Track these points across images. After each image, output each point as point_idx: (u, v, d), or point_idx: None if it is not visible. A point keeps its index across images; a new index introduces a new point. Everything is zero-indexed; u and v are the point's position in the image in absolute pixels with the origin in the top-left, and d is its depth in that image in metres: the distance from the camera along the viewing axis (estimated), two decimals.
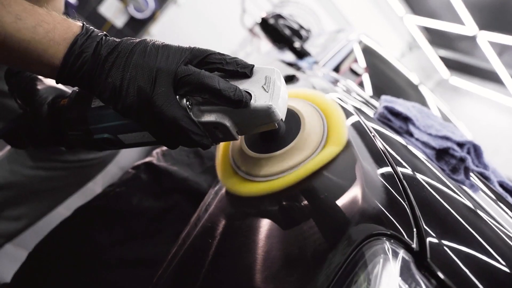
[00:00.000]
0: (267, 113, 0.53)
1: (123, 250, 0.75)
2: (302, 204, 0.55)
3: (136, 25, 5.61)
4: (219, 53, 0.55)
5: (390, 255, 0.43)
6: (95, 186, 2.07)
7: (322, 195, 0.54)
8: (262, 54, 2.71)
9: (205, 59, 0.54)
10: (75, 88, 0.64)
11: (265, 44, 2.95)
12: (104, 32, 0.54)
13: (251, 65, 0.55)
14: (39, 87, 0.70)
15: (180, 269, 0.59)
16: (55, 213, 1.19)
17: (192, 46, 0.56)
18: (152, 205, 0.82)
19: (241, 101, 0.51)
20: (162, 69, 0.51)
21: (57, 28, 0.51)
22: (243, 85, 0.54)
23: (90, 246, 0.77)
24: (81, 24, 0.54)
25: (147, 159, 0.91)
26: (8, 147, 1.08)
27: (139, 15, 5.51)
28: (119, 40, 0.54)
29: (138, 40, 0.53)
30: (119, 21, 5.57)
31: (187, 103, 0.53)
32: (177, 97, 0.52)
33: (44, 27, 0.50)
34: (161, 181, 0.86)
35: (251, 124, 0.56)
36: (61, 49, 0.51)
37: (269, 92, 0.53)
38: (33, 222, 1.12)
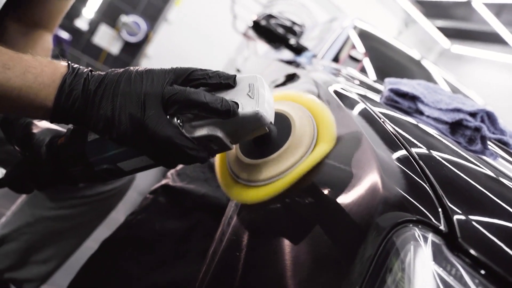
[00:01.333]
0: (255, 118, 0.55)
1: (154, 277, 0.75)
2: (318, 201, 0.54)
3: (132, 49, 5.66)
4: (200, 69, 0.56)
5: (420, 241, 0.42)
6: (118, 215, 2.08)
7: (338, 188, 0.54)
8: (259, 56, 2.70)
9: (189, 77, 0.55)
10: (70, 126, 0.65)
11: (261, 46, 2.94)
12: (90, 68, 0.57)
13: (233, 75, 0.57)
14: (34, 130, 0.72)
15: (213, 287, 0.59)
16: (83, 247, 1.20)
17: (182, 65, 0.58)
18: (175, 226, 0.82)
19: (229, 111, 0.53)
20: (149, 93, 0.52)
21: (45, 71, 0.53)
22: (229, 95, 0.56)
23: (122, 278, 0.77)
24: (67, 64, 0.56)
25: (163, 182, 0.91)
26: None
27: (133, 39, 5.56)
28: (104, 73, 0.56)
29: (122, 70, 0.55)
30: (115, 48, 5.63)
31: (178, 121, 0.55)
32: (168, 117, 0.53)
33: (33, 72, 0.52)
34: (180, 201, 0.86)
35: (243, 131, 0.57)
36: (51, 90, 0.53)
37: (255, 98, 0.55)
38: (63, 262, 1.12)
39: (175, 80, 0.54)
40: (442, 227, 0.42)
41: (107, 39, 5.57)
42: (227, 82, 0.56)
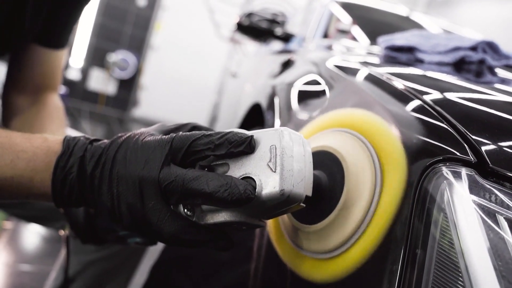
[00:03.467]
0: (282, 200, 0.42)
1: (209, 286, 0.76)
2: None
3: (127, 84, 5.72)
4: (204, 136, 0.45)
5: (452, 178, 0.42)
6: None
7: None
8: (251, 56, 2.72)
9: (189, 149, 0.44)
10: None
11: (250, 45, 2.96)
12: (90, 139, 0.49)
13: (249, 137, 0.44)
14: None
15: (267, 281, 0.59)
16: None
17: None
18: None
19: (241, 200, 0.41)
20: (145, 178, 0.43)
21: (37, 153, 0.48)
22: (245, 167, 0.44)
23: None
24: (62, 141, 0.49)
25: None
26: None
27: (125, 75, 5.62)
28: (105, 144, 0.48)
29: (124, 139, 0.47)
30: (111, 88, 5.69)
31: (185, 210, 0.45)
32: (171, 206, 0.45)
33: (24, 158, 0.47)
34: None
35: (273, 210, 0.45)
36: (46, 176, 0.47)
37: (278, 170, 0.42)
38: None
39: (173, 156, 0.44)
40: (471, 158, 0.42)
41: (101, 82, 5.64)
42: (240, 150, 0.43)
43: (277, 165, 0.42)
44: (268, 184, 0.41)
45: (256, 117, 1.18)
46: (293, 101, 0.87)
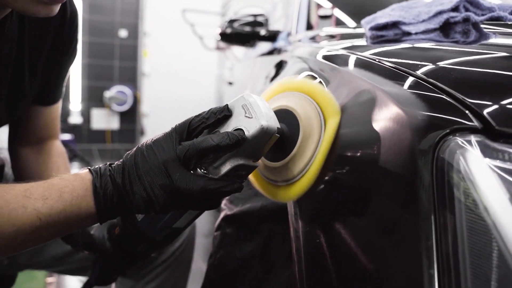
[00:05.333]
0: (263, 133, 0.58)
1: None
2: (356, 167, 0.57)
3: (129, 116, 5.77)
4: (196, 116, 0.60)
5: (465, 146, 0.44)
6: (198, 264, 2.14)
7: (368, 146, 0.56)
8: (241, 61, 2.74)
9: (189, 128, 0.59)
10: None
11: (238, 51, 2.98)
12: (107, 163, 0.61)
13: (225, 106, 0.61)
14: (91, 232, 0.83)
15: (313, 280, 0.61)
16: None
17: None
18: (252, 247, 0.86)
19: (238, 141, 0.57)
20: (166, 160, 0.56)
21: (75, 185, 0.58)
22: (231, 125, 0.60)
23: None
24: (88, 170, 0.60)
25: (222, 215, 0.95)
26: None
27: (125, 107, 5.67)
28: (122, 160, 0.60)
29: (134, 149, 0.60)
30: (114, 124, 5.75)
31: (202, 170, 0.59)
32: (192, 171, 0.58)
33: (67, 191, 0.57)
34: (245, 223, 0.89)
35: (259, 148, 0.61)
36: (89, 199, 0.57)
37: (253, 116, 0.58)
38: None
39: (180, 138, 0.58)
40: (476, 125, 0.44)
41: (103, 120, 5.70)
42: (223, 115, 0.60)
43: (251, 112, 0.58)
44: (251, 126, 0.58)
45: None
46: None
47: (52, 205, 0.55)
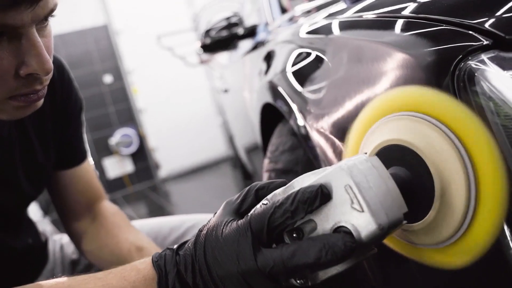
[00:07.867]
0: (383, 233, 0.40)
1: None
2: None
3: (140, 155, 5.80)
4: (276, 208, 0.43)
5: (481, 68, 0.43)
6: None
7: None
8: (228, 65, 2.73)
9: (270, 227, 0.43)
10: None
11: (221, 58, 2.98)
12: (173, 249, 0.51)
13: (319, 188, 0.42)
14: None
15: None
16: None
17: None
18: None
19: (345, 255, 0.40)
20: (245, 272, 0.44)
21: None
22: (331, 217, 0.42)
23: None
24: (151, 264, 0.51)
25: None
26: None
27: (133, 148, 5.70)
28: (191, 250, 0.49)
29: (204, 238, 0.48)
30: (129, 167, 5.79)
31: (297, 281, 0.44)
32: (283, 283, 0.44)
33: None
34: None
35: (380, 239, 0.42)
36: None
37: (365, 209, 0.39)
38: None
39: (259, 239, 0.44)
40: (486, 42, 0.43)
41: (117, 167, 5.75)
42: (317, 205, 0.42)
43: (361, 203, 0.39)
44: (363, 226, 0.39)
45: (269, 115, 1.20)
46: (296, 83, 0.88)
47: None
